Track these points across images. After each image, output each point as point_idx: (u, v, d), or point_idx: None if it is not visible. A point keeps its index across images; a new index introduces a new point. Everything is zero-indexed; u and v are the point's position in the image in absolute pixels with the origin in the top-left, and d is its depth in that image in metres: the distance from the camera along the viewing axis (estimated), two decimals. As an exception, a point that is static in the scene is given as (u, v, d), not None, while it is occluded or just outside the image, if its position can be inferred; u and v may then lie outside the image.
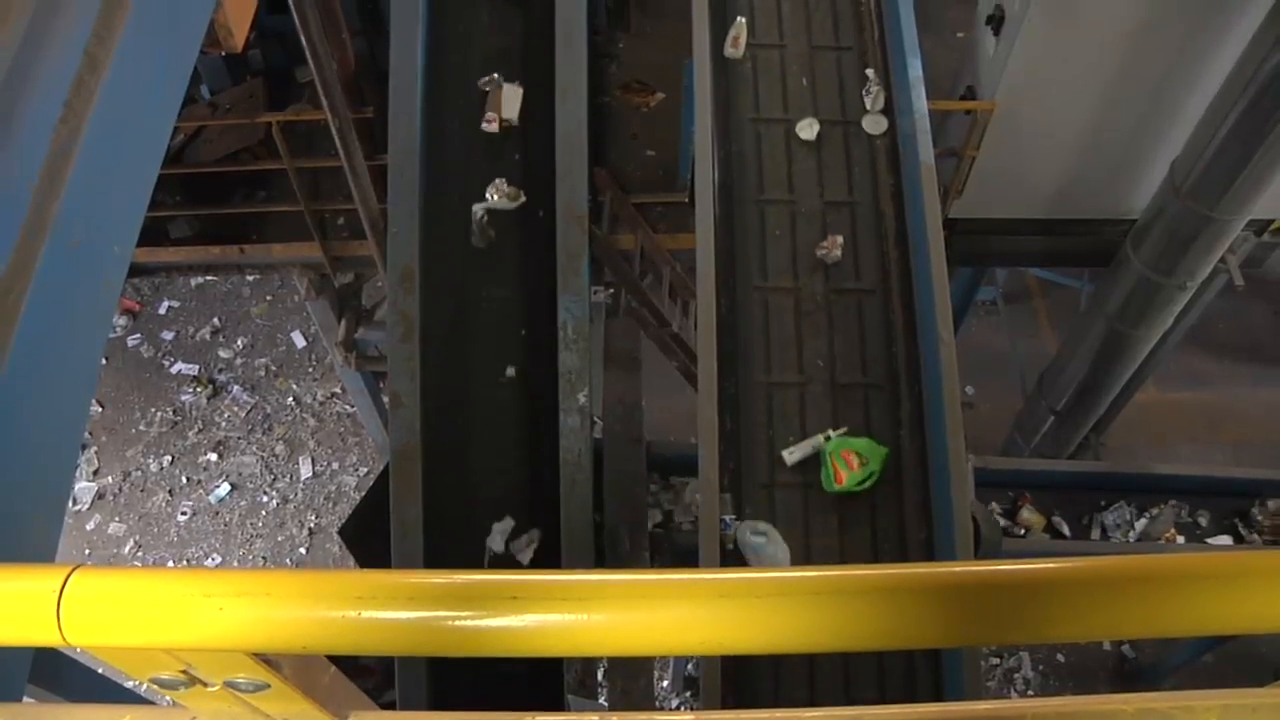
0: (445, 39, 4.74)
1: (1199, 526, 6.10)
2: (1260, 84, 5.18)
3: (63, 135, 2.68)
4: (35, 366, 2.50)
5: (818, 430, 4.05)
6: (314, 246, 6.68)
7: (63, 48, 2.74)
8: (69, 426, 2.84)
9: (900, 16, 4.56)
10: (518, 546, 4.39)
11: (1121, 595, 1.14)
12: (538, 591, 1.14)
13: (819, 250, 4.28)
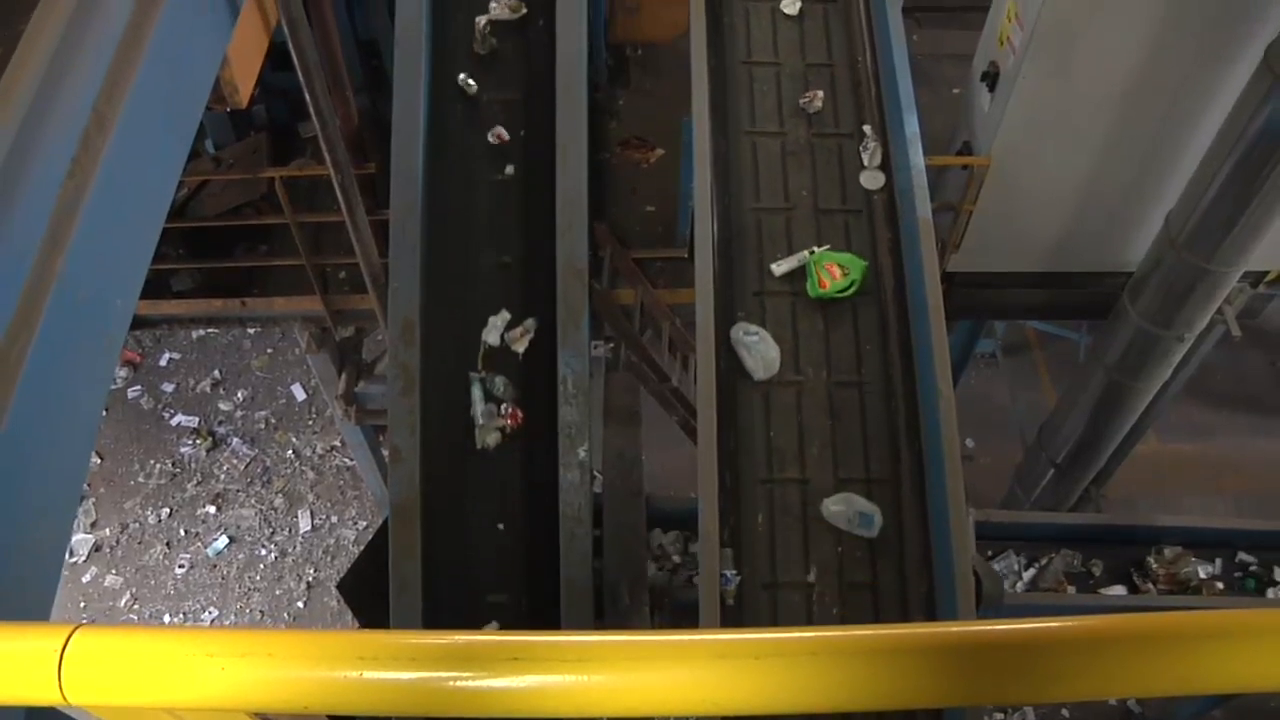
0: (447, 96, 4.80)
1: (1092, 576, 6.00)
2: (1250, 139, 5.24)
3: (69, 190, 2.71)
4: (36, 421, 2.50)
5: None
6: (315, 300, 6.71)
7: (72, 105, 2.78)
8: (68, 480, 2.84)
9: (896, 73, 4.62)
10: (512, 337, 4.48)
11: (1125, 654, 1.14)
12: (538, 653, 1.15)
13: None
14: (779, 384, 4.18)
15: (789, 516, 4.02)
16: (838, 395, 4.19)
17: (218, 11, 3.92)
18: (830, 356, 4.25)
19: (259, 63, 4.75)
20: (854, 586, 3.99)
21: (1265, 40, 5.13)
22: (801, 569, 3.97)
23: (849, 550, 4.03)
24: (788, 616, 3.92)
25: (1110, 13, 5.49)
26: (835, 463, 4.10)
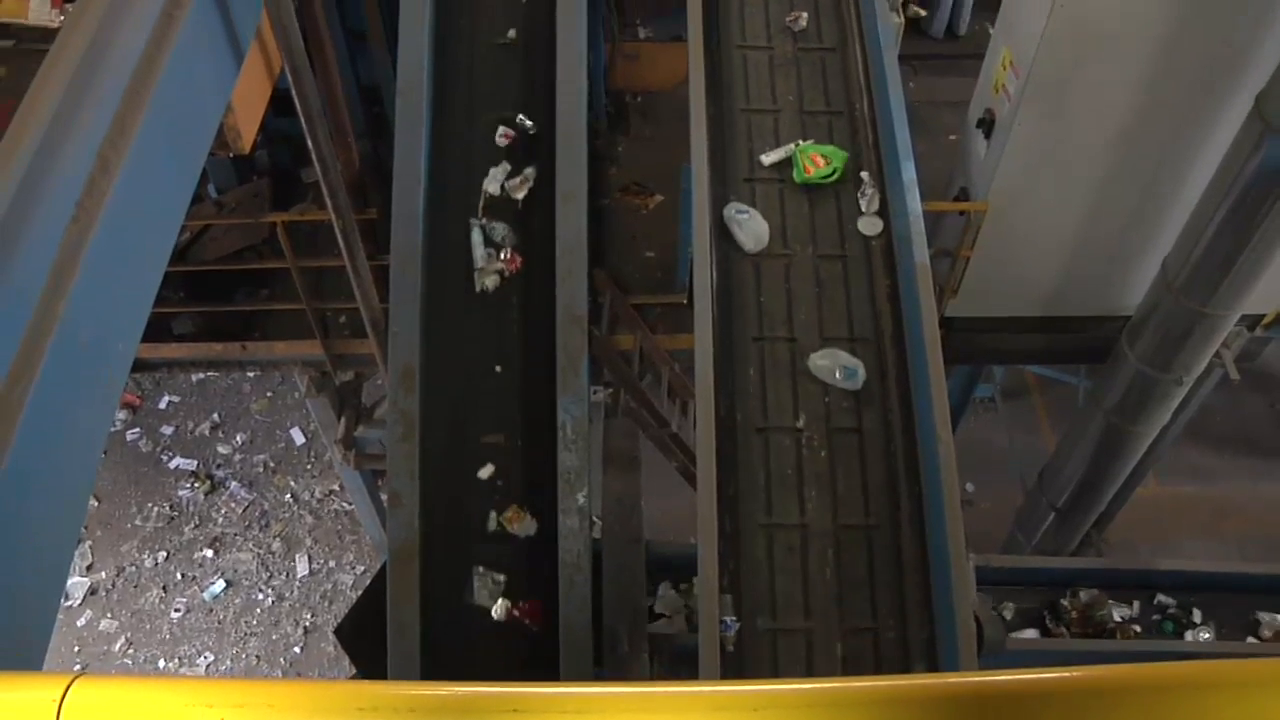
0: (449, 142, 4.84)
1: (1003, 619, 5.88)
2: (1243, 185, 5.30)
3: (73, 235, 2.73)
4: (35, 463, 2.50)
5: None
6: (315, 344, 6.74)
7: (77, 149, 2.81)
8: (67, 523, 2.84)
9: (893, 120, 4.66)
10: (513, 187, 4.54)
11: (1129, 704, 1.13)
12: (538, 704, 1.14)
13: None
14: (768, 256, 4.56)
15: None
16: (824, 269, 4.56)
17: (223, 59, 3.96)
18: (815, 234, 4.64)
19: (262, 109, 4.82)
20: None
21: (1254, 88, 5.20)
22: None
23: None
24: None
25: (1103, 61, 5.56)
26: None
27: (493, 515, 4.32)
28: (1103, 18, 5.38)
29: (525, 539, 4.31)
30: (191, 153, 3.76)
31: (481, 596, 4.24)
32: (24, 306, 2.54)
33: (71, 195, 2.78)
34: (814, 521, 4.09)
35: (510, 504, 4.38)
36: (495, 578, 4.26)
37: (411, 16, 4.83)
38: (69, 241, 2.73)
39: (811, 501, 4.11)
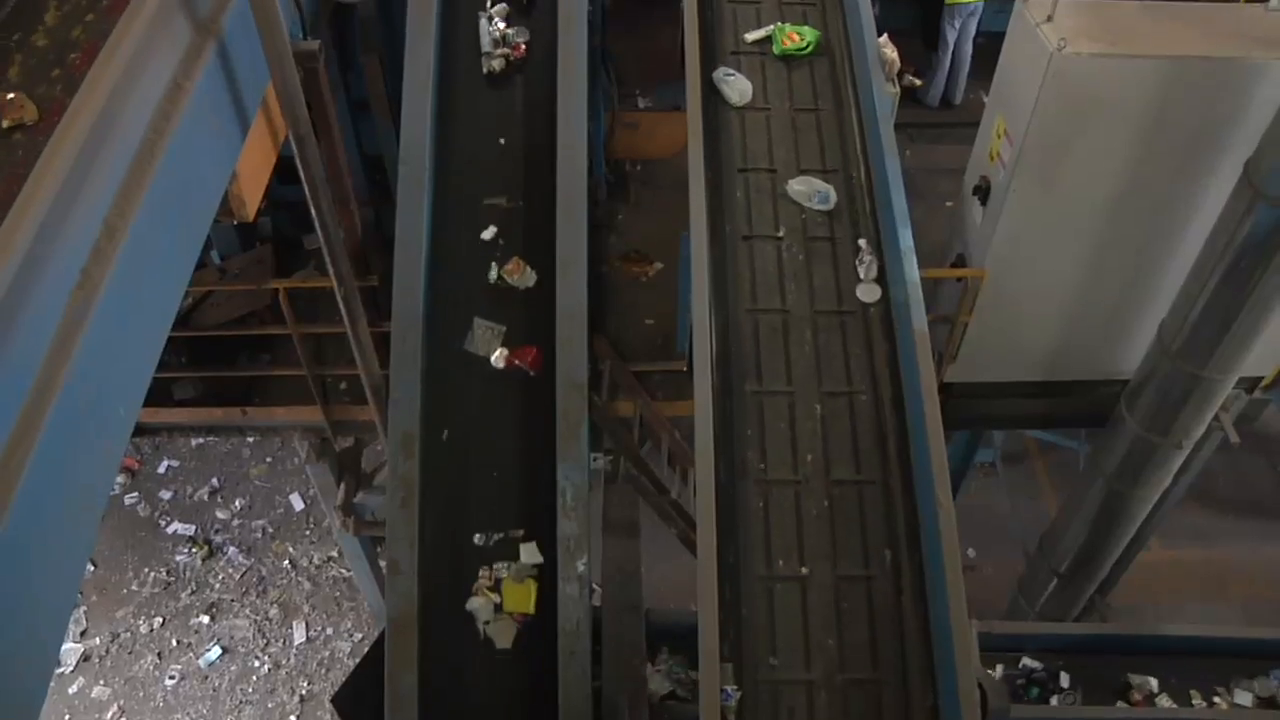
0: (450, 210, 4.90)
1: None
2: (1236, 250, 5.35)
3: (77, 301, 2.76)
4: (33, 528, 2.50)
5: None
6: (316, 410, 6.74)
7: (84, 216, 2.85)
8: (63, 589, 2.82)
9: (890, 188, 4.73)
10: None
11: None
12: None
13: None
14: (751, 109, 5.26)
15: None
16: (799, 120, 5.26)
17: (229, 129, 4.03)
18: (792, 92, 5.37)
19: (266, 177, 4.86)
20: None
21: (1243, 154, 5.27)
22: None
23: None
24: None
25: (1095, 130, 5.64)
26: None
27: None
28: (1093, 88, 5.47)
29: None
30: (196, 220, 3.81)
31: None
32: (27, 371, 2.55)
33: (77, 262, 2.81)
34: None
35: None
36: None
37: (415, 87, 4.92)
38: (73, 308, 2.76)
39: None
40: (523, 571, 4.35)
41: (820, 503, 4.27)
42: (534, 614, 4.31)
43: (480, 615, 4.34)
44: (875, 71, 5.06)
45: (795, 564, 4.11)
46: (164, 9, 3.44)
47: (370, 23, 5.98)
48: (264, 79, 4.18)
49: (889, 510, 4.20)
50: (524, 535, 4.42)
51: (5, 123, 2.93)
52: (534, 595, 4.34)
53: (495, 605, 4.35)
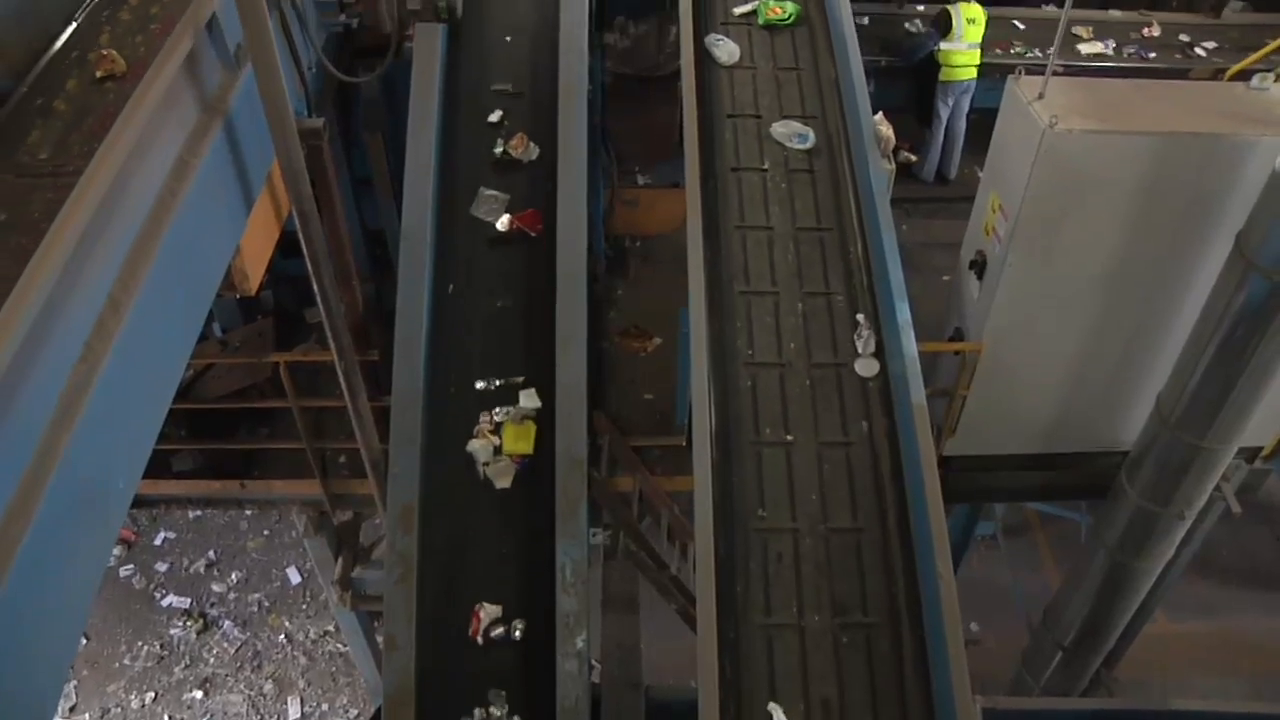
0: (451, 285, 4.94)
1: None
2: (1231, 322, 5.39)
3: (79, 373, 2.78)
4: (28, 600, 2.50)
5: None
6: (314, 484, 6.72)
7: (89, 290, 2.88)
8: (56, 662, 2.81)
9: (887, 262, 4.77)
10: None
11: None
12: None
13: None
14: (739, 68, 5.80)
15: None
16: (782, 78, 5.79)
17: (233, 204, 4.09)
18: (774, 54, 5.90)
19: (269, 252, 4.92)
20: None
21: (1234, 226, 5.34)
22: None
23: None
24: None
25: (1088, 203, 5.71)
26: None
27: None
28: (1085, 164, 5.55)
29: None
30: (200, 295, 3.85)
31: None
32: (27, 443, 2.56)
33: (80, 335, 2.84)
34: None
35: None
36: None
37: (417, 163, 5.00)
38: (75, 380, 2.78)
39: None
40: (522, 414, 4.62)
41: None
42: (532, 454, 4.54)
43: (479, 456, 4.56)
44: (871, 149, 5.13)
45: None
46: (174, 87, 3.51)
47: (373, 101, 6.09)
48: (269, 156, 4.25)
49: (890, 584, 4.17)
50: (523, 382, 4.71)
51: (99, 73, 3.38)
52: (533, 436, 4.57)
53: (495, 447, 4.58)
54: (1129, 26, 9.80)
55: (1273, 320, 5.25)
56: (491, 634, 4.24)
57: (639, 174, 8.08)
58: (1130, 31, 9.74)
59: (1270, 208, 5.06)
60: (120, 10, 3.70)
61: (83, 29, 3.63)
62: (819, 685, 3.98)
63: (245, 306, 7.50)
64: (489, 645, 4.23)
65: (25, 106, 3.30)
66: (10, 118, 3.24)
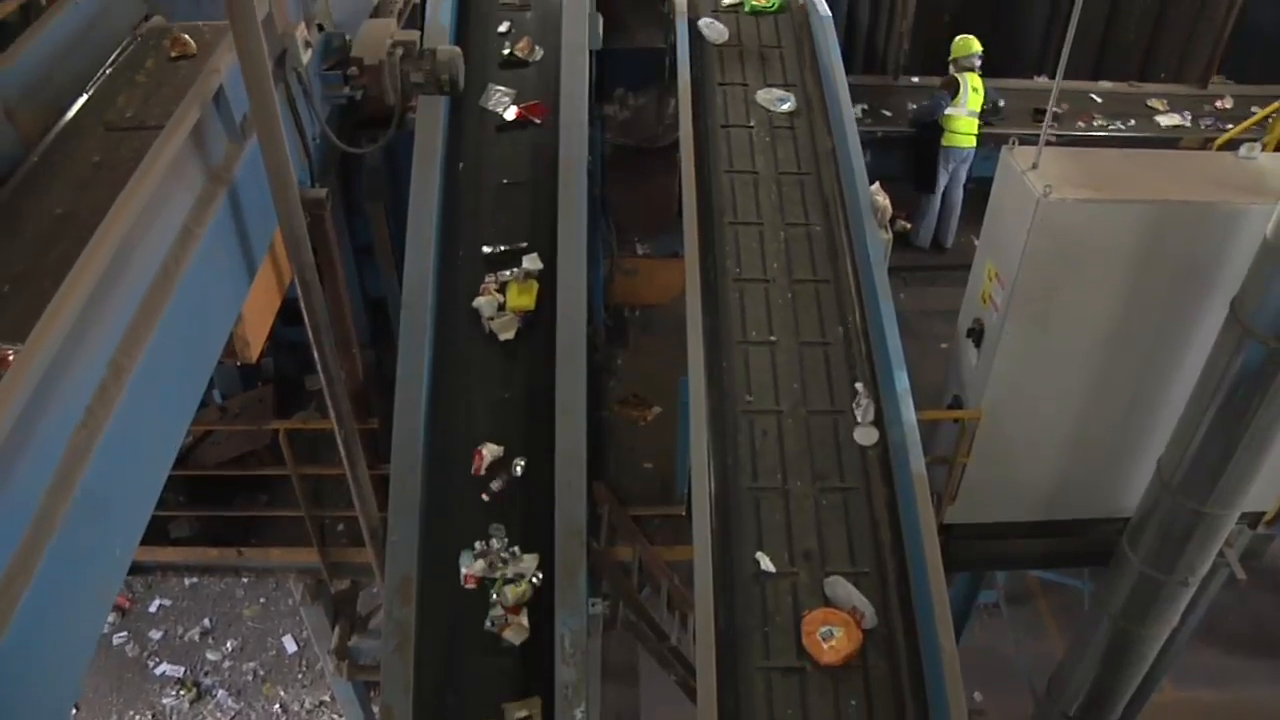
0: (451, 355, 4.96)
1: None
2: (1228, 387, 5.41)
3: (80, 439, 2.79)
4: (21, 668, 2.47)
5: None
6: (312, 552, 6.69)
7: (92, 356, 2.90)
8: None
9: (885, 331, 4.81)
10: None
11: None
12: None
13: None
14: (727, 46, 6.64)
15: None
16: (765, 53, 6.67)
17: (236, 273, 4.12)
18: (760, 34, 6.79)
19: (271, 319, 4.94)
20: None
21: (1229, 291, 5.37)
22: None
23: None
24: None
25: (1084, 271, 5.76)
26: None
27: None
28: (1080, 232, 5.61)
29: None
30: (201, 362, 3.86)
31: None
32: (25, 508, 2.56)
33: (82, 400, 2.85)
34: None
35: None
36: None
37: (418, 232, 5.05)
38: (75, 446, 2.78)
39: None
40: (525, 274, 5.13)
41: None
42: (534, 309, 5.05)
43: (485, 311, 5.05)
44: (868, 219, 5.19)
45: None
46: (180, 157, 3.56)
47: (376, 170, 6.16)
48: (272, 224, 4.29)
49: (892, 659, 4.13)
50: (526, 248, 5.23)
51: (173, 54, 4.20)
52: (535, 294, 5.08)
53: (499, 304, 5.08)
54: (1201, 99, 10.11)
55: (1271, 384, 5.27)
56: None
57: (638, 244, 8.16)
58: (1204, 104, 9.95)
59: (1263, 274, 5.11)
60: (134, 79, 3.78)
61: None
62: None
63: (245, 373, 7.51)
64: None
65: (39, 171, 3.36)
66: (24, 182, 3.29)
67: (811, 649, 4.08)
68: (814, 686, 4.07)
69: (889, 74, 10.18)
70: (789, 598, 4.24)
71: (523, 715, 4.18)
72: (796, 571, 4.31)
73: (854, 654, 4.06)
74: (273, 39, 4.28)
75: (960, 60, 9.02)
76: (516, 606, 4.41)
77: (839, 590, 4.25)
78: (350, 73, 5.05)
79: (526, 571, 4.46)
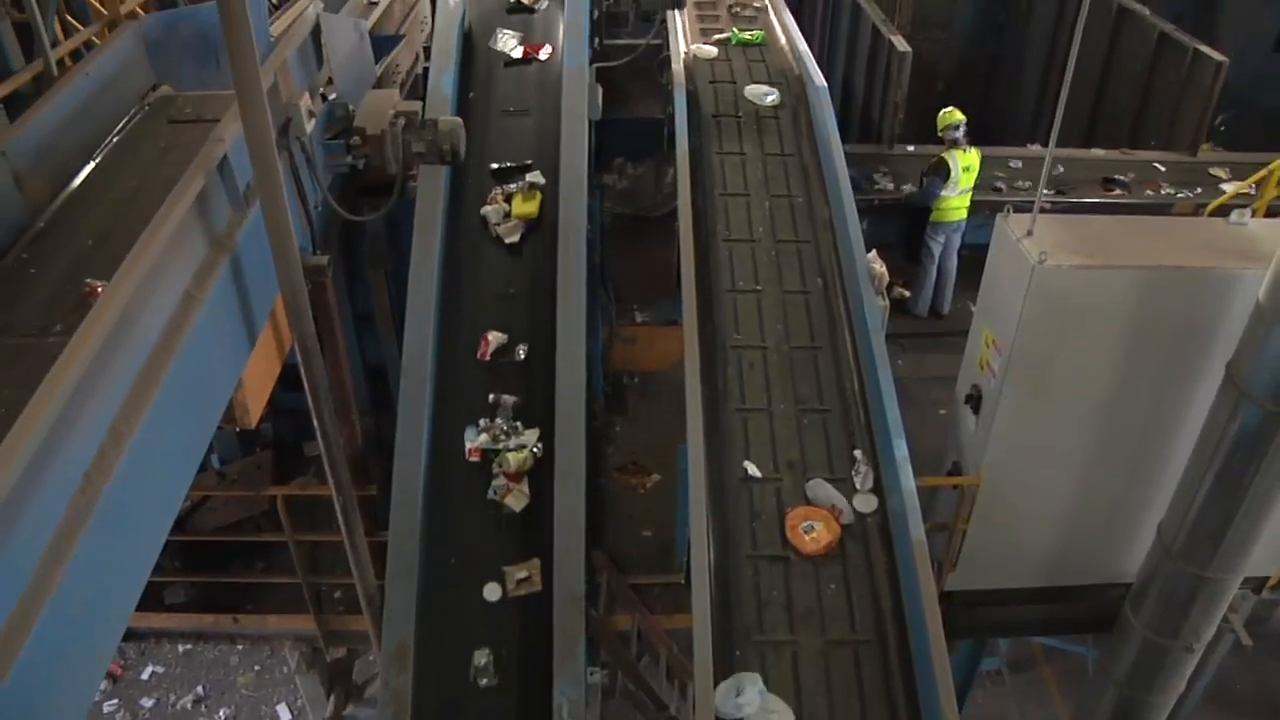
0: (451, 421, 4.97)
1: None
2: (1226, 451, 5.40)
3: (78, 505, 2.78)
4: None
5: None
6: (308, 620, 6.63)
7: (92, 421, 2.90)
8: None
9: (884, 399, 4.82)
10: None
11: None
12: None
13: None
14: (717, 61, 7.57)
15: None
16: (752, 65, 7.59)
17: (237, 339, 4.14)
18: (749, 65, 7.56)
19: (271, 386, 4.95)
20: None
21: (1225, 355, 5.40)
22: None
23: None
24: None
25: (1080, 336, 5.78)
26: None
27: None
28: (1075, 298, 5.65)
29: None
30: (200, 429, 3.87)
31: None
32: (22, 572, 2.55)
33: (80, 466, 2.85)
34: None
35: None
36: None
37: (419, 300, 5.09)
38: (73, 511, 2.78)
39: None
40: (530, 185, 5.84)
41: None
42: (536, 217, 5.71)
43: (492, 218, 5.72)
44: (865, 287, 5.23)
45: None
46: (184, 224, 3.60)
47: (377, 237, 6.21)
48: (273, 291, 4.32)
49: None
50: (530, 165, 5.97)
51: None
52: (538, 203, 5.75)
53: (505, 212, 5.73)
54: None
55: (1269, 448, 5.26)
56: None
57: (637, 311, 8.20)
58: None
59: (1257, 338, 5.14)
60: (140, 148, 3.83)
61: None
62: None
63: (244, 438, 7.49)
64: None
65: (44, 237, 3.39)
66: (30, 248, 3.32)
67: (795, 542, 4.57)
68: (797, 573, 4.44)
69: (884, 143, 10.31)
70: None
71: (523, 575, 4.58)
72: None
73: (833, 544, 4.53)
74: (277, 108, 4.35)
75: (946, 132, 9.07)
76: (518, 474, 4.82)
77: (819, 491, 4.73)
78: (353, 142, 5.12)
79: (528, 443, 4.89)
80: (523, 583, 4.55)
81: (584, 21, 6.56)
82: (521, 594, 4.50)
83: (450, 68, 6.18)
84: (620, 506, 7.11)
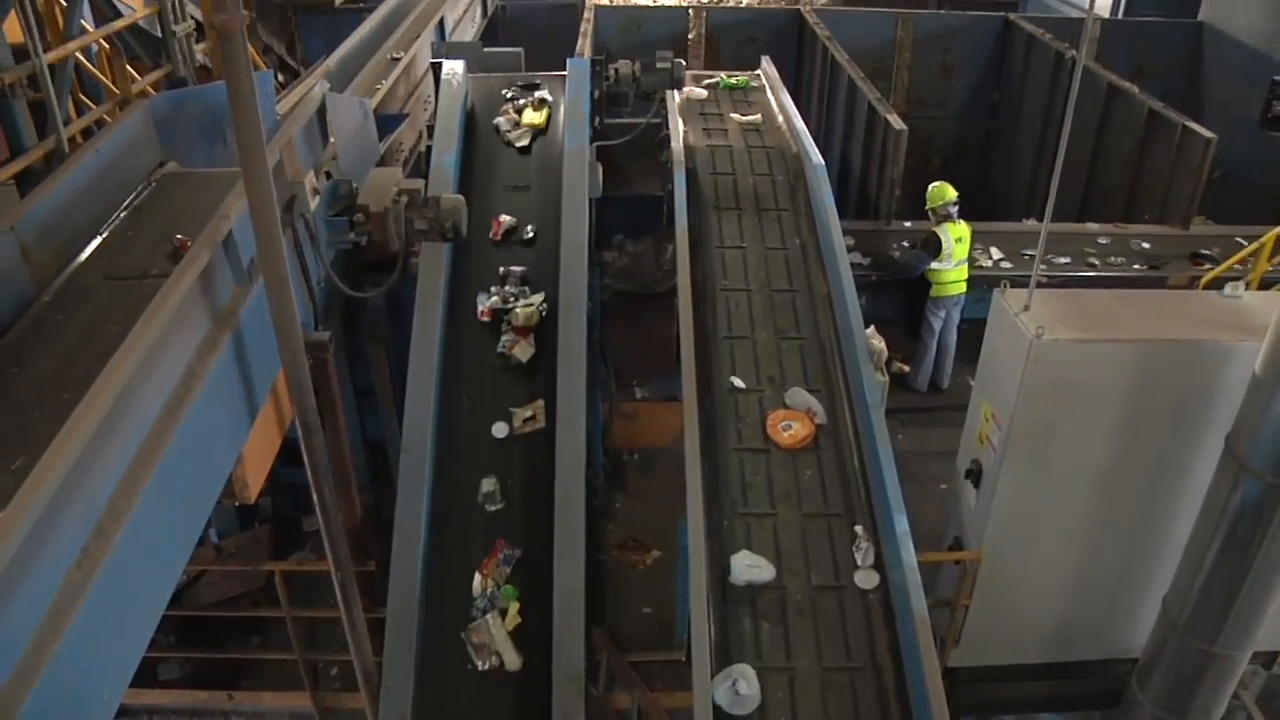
0: (450, 496, 4.96)
1: None
2: (1229, 524, 5.36)
3: (74, 579, 2.76)
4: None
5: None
6: (305, 696, 6.57)
7: (90, 496, 2.89)
8: None
9: (884, 474, 4.82)
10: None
11: None
12: None
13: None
14: (707, 101, 8.37)
15: None
16: (737, 104, 8.34)
17: (237, 415, 4.14)
18: (734, 102, 8.31)
19: (271, 461, 4.93)
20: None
21: (1223, 426, 5.39)
22: None
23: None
24: None
25: (1079, 410, 5.80)
26: None
27: None
28: (1073, 371, 5.67)
29: None
30: (199, 504, 3.85)
31: None
32: (14, 649, 2.52)
33: (78, 541, 2.83)
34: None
35: None
36: None
37: (420, 376, 5.11)
38: (68, 587, 2.75)
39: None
40: (539, 100, 6.99)
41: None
42: (544, 127, 6.83)
43: (504, 127, 6.79)
44: (864, 362, 5.26)
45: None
46: (187, 300, 3.63)
47: (378, 313, 6.26)
48: (275, 366, 4.33)
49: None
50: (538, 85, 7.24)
51: None
52: (546, 115, 6.87)
53: (515, 122, 6.84)
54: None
55: (1272, 520, 5.21)
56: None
57: (637, 388, 8.23)
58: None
59: (1255, 411, 5.14)
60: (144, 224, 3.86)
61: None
62: None
63: (242, 512, 7.47)
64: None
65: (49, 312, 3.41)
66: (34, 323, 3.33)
67: (775, 438, 5.24)
68: (777, 462, 5.06)
69: (881, 219, 10.42)
70: None
71: (528, 415, 5.17)
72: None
73: (809, 439, 5.20)
74: (282, 186, 4.40)
75: (937, 210, 9.15)
76: (525, 328, 5.42)
77: (797, 398, 5.42)
78: (356, 219, 5.17)
79: (535, 303, 5.51)
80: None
81: (584, 102, 6.67)
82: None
83: (453, 147, 6.28)
84: (620, 583, 7.06)
